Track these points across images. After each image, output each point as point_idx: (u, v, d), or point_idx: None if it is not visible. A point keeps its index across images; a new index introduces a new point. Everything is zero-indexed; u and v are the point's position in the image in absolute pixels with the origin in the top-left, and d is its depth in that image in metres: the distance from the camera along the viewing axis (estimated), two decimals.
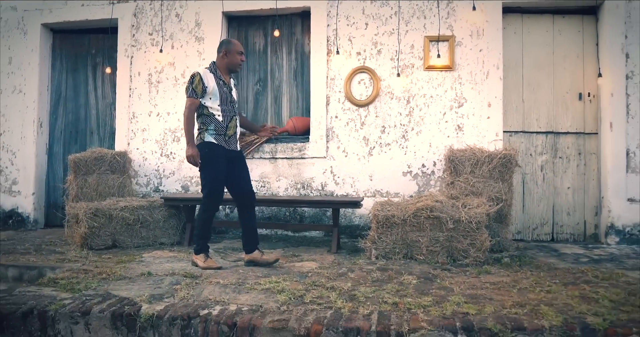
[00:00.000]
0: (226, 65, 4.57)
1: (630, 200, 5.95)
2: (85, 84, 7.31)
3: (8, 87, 7.20)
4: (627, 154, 5.98)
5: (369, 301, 3.53)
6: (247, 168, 4.77)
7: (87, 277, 4.21)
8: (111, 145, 7.07)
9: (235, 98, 4.66)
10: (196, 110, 4.49)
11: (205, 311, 3.34)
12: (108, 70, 6.93)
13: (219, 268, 4.53)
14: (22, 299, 3.66)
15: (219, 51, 4.57)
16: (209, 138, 4.49)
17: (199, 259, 4.58)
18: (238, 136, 4.69)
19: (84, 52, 7.33)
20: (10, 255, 5.24)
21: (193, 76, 4.45)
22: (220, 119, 4.50)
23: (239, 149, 4.71)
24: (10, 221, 7.10)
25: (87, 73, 7.31)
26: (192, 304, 3.47)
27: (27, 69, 7.14)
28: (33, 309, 3.48)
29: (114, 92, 7.12)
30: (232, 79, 4.69)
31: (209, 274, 4.31)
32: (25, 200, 7.07)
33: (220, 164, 4.51)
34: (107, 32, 7.03)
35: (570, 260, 5.09)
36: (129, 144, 6.83)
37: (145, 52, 6.83)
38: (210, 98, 4.48)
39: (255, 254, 4.68)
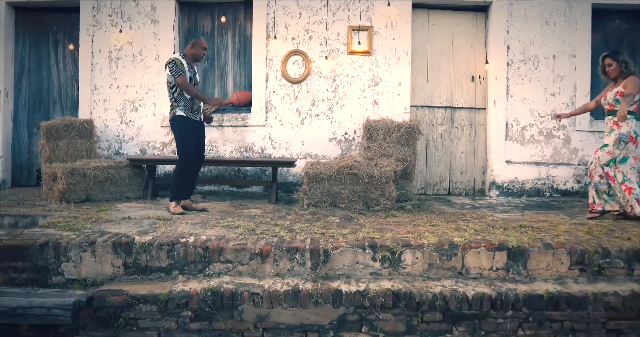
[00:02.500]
0: (192, 56, 5.78)
1: (508, 162, 7.53)
2: (47, 59, 8.12)
3: None
4: (507, 125, 7.53)
5: (304, 232, 4.85)
6: (205, 136, 6.00)
7: (79, 221, 5.28)
8: (73, 114, 7.94)
9: (199, 80, 5.83)
10: (176, 88, 5.65)
11: (184, 239, 4.55)
12: (71, 46, 7.81)
13: (182, 213, 5.70)
14: (34, 236, 4.71)
15: (188, 44, 5.75)
16: (180, 112, 5.67)
17: (171, 205, 5.76)
18: (201, 110, 5.87)
19: (46, 29, 8.10)
20: None
21: (174, 61, 5.64)
22: (187, 96, 5.68)
23: (201, 119, 5.90)
24: None
25: (49, 48, 8.11)
26: (172, 236, 4.67)
27: None
28: (48, 241, 4.56)
29: (75, 66, 7.99)
30: (195, 66, 5.82)
31: (177, 218, 5.49)
32: None
33: (190, 131, 5.75)
34: (67, 11, 7.84)
35: (457, 207, 6.60)
36: (91, 112, 7.75)
37: (105, 31, 7.72)
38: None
39: (188, 201, 6.01)
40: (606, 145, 5.63)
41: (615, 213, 5.72)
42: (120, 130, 7.74)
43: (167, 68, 5.72)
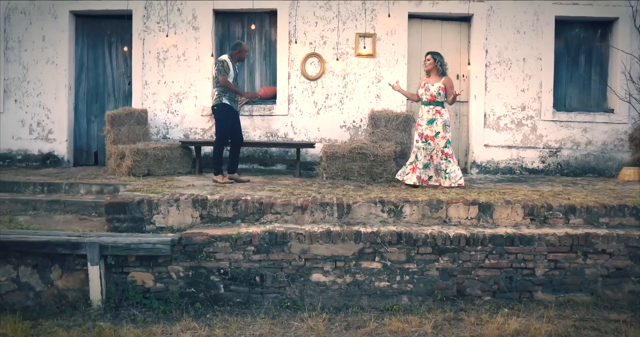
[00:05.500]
0: (238, 58, 7.38)
1: (486, 145, 9.24)
2: (102, 58, 9.70)
3: (42, 59, 9.43)
4: (485, 116, 9.23)
5: (329, 194, 6.54)
6: (240, 121, 7.65)
7: (156, 187, 6.90)
8: (125, 105, 9.51)
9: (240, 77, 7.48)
10: (221, 83, 7.26)
11: (244, 197, 6.21)
12: (125, 48, 9.40)
13: (232, 183, 7.37)
14: (129, 196, 6.34)
15: (234, 48, 7.38)
16: (225, 101, 7.29)
17: (219, 178, 7.40)
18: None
19: (101, 33, 9.67)
20: (82, 179, 7.78)
21: (223, 62, 7.24)
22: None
23: (238, 109, 7.55)
24: (48, 161, 9.47)
25: (104, 49, 9.69)
26: (234, 195, 6.33)
27: (58, 46, 9.40)
28: (143, 199, 6.20)
29: (126, 65, 9.59)
30: (237, 65, 7.46)
31: (230, 186, 7.14)
32: (60, 145, 9.45)
33: (230, 118, 7.37)
34: (121, 18, 9.40)
35: None
36: (142, 103, 9.35)
37: (154, 36, 9.31)
38: (229, 76, 7.25)
39: (235, 175, 7.62)
40: (438, 133, 7.14)
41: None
42: (167, 118, 9.36)
43: (216, 66, 7.36)
